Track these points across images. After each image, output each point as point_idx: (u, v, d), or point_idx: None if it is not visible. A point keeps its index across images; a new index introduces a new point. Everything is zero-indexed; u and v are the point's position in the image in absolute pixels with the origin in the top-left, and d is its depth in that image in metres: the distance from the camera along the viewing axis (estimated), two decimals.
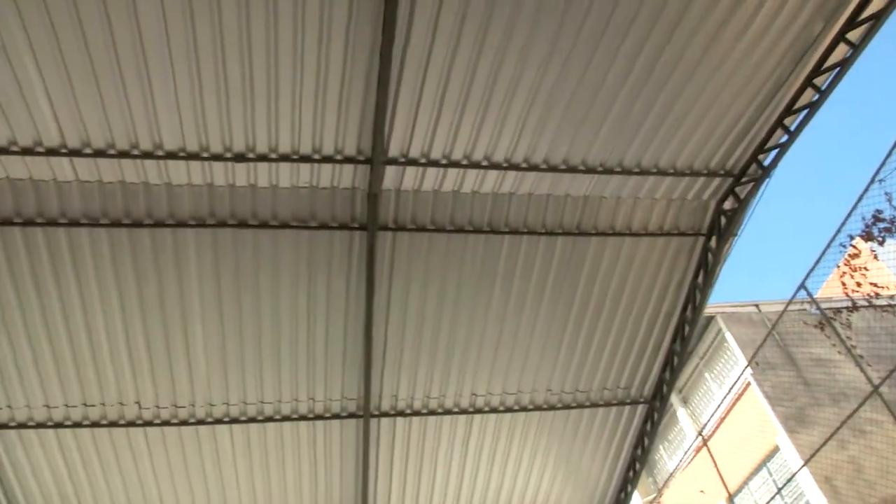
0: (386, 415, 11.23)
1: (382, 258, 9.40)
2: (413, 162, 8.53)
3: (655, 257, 10.50)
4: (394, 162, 8.45)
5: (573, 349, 11.22)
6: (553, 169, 9.07)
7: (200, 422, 10.64)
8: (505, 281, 10.13)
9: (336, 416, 11.03)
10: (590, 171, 9.19)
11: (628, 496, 13.78)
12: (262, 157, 8.16)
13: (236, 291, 9.35)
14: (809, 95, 8.76)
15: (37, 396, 10.10)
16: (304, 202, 8.78)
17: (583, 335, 11.06)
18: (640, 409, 12.54)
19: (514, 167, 8.92)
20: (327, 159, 8.30)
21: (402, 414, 11.29)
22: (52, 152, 7.85)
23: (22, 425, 10.39)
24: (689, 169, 9.52)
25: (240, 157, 8.13)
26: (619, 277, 10.54)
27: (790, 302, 18.19)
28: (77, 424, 10.43)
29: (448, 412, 11.49)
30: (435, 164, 8.60)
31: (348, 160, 8.35)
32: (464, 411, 11.57)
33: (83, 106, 7.48)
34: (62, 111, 7.51)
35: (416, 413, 11.34)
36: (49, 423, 10.39)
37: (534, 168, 9.00)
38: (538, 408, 11.88)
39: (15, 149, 7.82)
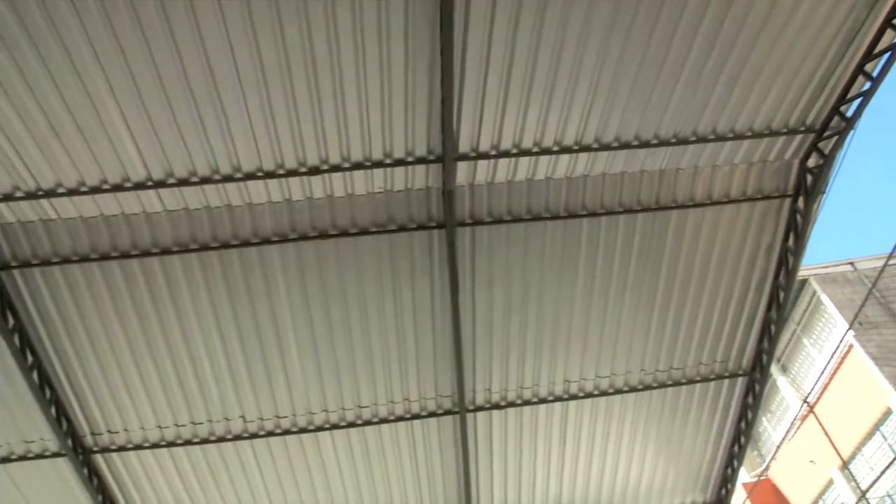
0: (481, 409, 11.29)
1: (463, 254, 9.45)
2: (484, 155, 8.54)
3: (741, 224, 10.18)
4: (465, 157, 8.47)
5: (664, 326, 11.01)
6: (625, 146, 8.91)
7: (302, 430, 10.95)
8: (588, 264, 10.02)
9: (432, 415, 11.16)
10: (663, 143, 8.99)
11: (735, 472, 13.43)
12: (336, 168, 8.33)
13: (324, 301, 9.58)
14: (890, 37, 8.31)
15: (149, 418, 10.62)
16: (380, 207, 8.91)
17: (672, 311, 10.83)
18: (740, 382, 12.19)
19: (586, 148, 8.81)
20: (399, 162, 8.39)
21: (497, 406, 11.33)
22: (139, 186, 8.23)
23: (138, 447, 10.95)
24: (768, 129, 9.18)
25: (314, 170, 8.32)
26: (705, 249, 10.28)
27: (890, 256, 17.33)
28: (188, 442, 10.91)
29: (543, 401, 11.46)
30: (506, 154, 8.59)
31: (420, 161, 8.43)
32: (558, 399, 11.51)
33: (163, 139, 7.80)
34: (145, 146, 7.86)
35: (511, 404, 11.35)
36: (162, 443, 10.91)
37: (606, 147, 8.86)
38: (633, 389, 11.71)
39: (106, 187, 8.24)
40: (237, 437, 10.91)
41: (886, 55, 8.38)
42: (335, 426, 11.01)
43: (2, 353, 9.56)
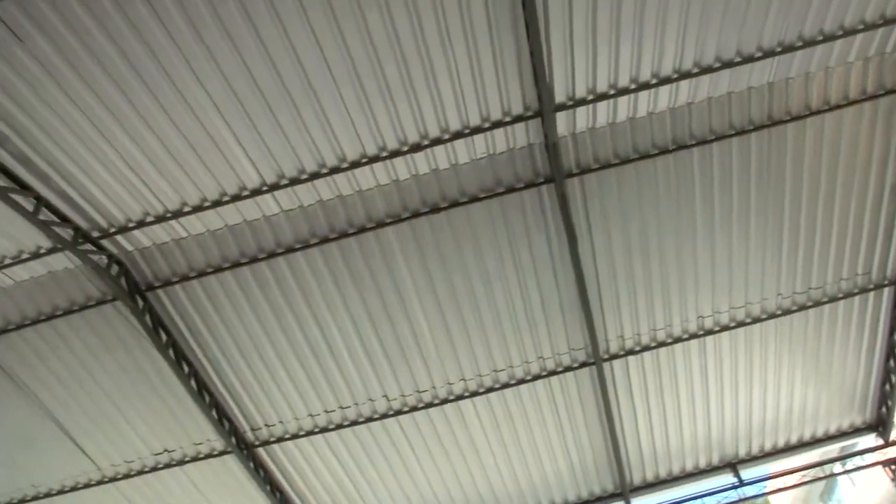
0: (616, 356, 11.19)
1: (576, 205, 9.34)
2: (581, 101, 8.36)
3: (865, 125, 9.51)
4: (563, 107, 8.33)
5: (796, 246, 10.49)
6: (727, 64, 8.48)
7: (444, 401, 11.24)
8: (704, 195, 9.67)
9: (568, 369, 11.16)
10: (768, 54, 8.49)
11: (894, 388, 12.70)
12: (437, 141, 8.39)
13: (446, 273, 9.73)
14: None
15: (300, 409, 11.20)
16: (486, 172, 8.92)
17: (803, 229, 10.30)
18: (887, 293, 11.47)
19: (686, 75, 8.45)
20: (498, 124, 8.35)
21: (631, 352, 11.19)
22: (255, 192, 8.60)
23: (294, 436, 11.58)
24: (882, 18, 8.48)
25: (416, 147, 8.41)
26: (829, 158, 9.68)
27: None
28: (339, 426, 11.44)
29: (678, 340, 11.22)
30: (603, 96, 8.37)
31: (518, 119, 8.35)
32: (694, 336, 11.24)
33: (269, 143, 8.11)
34: (254, 153, 8.20)
35: (646, 348, 11.19)
36: (316, 430, 11.49)
37: (707, 70, 8.47)
38: (772, 315, 11.26)
39: (226, 198, 8.67)
40: (383, 416, 11.33)
41: None
42: (474, 393, 11.22)
43: (161, 367, 10.35)
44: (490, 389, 11.20)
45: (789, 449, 13.46)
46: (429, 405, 11.26)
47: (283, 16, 6.99)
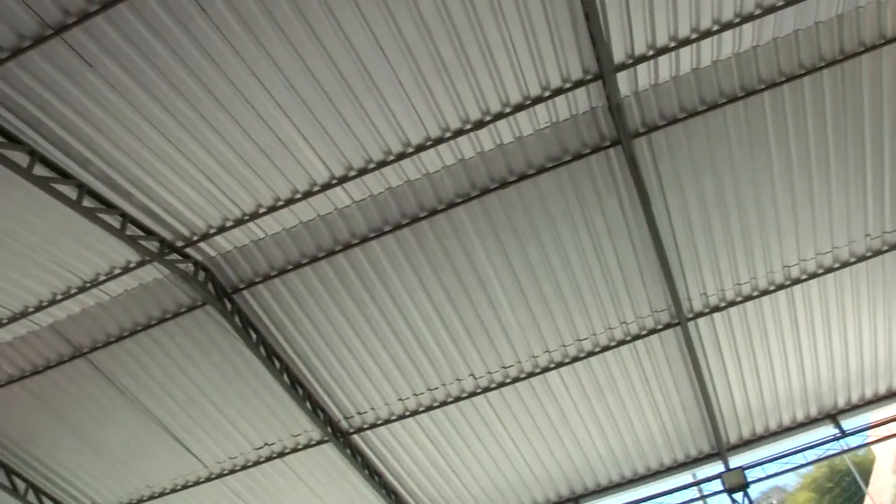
0: (701, 314, 10.98)
1: (646, 164, 9.17)
2: (641, 58, 8.18)
3: None
4: (623, 66, 8.17)
5: (881, 183, 10.02)
6: (792, 1, 8.14)
7: (530, 374, 11.27)
8: (779, 140, 9.33)
9: (652, 332, 11.02)
10: None
11: None
12: (499, 115, 8.36)
13: (520, 247, 9.73)
14: None
15: (389, 394, 11.43)
16: (551, 141, 8.84)
17: (889, 163, 9.83)
18: None
19: (749, 18, 8.14)
20: (558, 91, 8.27)
21: (717, 309, 10.96)
22: (326, 187, 8.78)
23: (386, 421, 11.84)
24: None
25: (479, 124, 8.40)
26: None
27: None
28: (429, 408, 11.62)
29: (764, 292, 10.91)
30: (664, 50, 8.16)
31: (578, 83, 8.24)
32: (780, 286, 10.91)
33: (335, 137, 8.25)
34: (321, 148, 8.36)
35: (732, 304, 10.93)
36: (407, 414, 11.71)
37: (770, 9, 8.15)
38: (861, 258, 10.81)
39: (298, 196, 8.88)
40: (472, 394, 11.45)
41: None
42: (560, 364, 11.21)
43: (254, 365, 10.73)
44: (575, 359, 11.17)
45: (891, 395, 12.97)
46: (515, 380, 11.32)
47: (335, 9, 7.08)
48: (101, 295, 9.95)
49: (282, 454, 12.25)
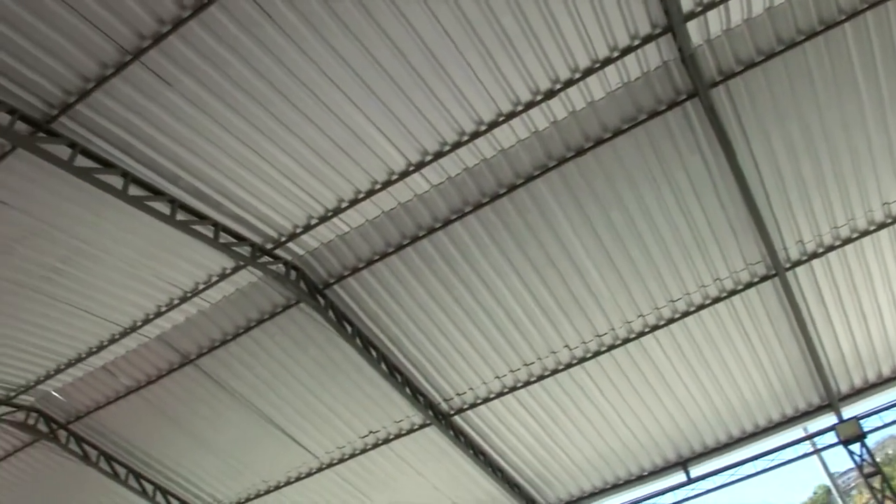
0: (799, 263, 10.57)
1: (726, 114, 8.85)
2: (711, 4, 7.86)
3: None
4: (692, 15, 7.88)
5: None
6: None
7: (626, 340, 11.13)
8: (867, 73, 8.83)
9: (749, 285, 10.69)
10: None
11: None
12: (569, 83, 8.24)
13: (603, 213, 9.60)
14: None
15: (486, 373, 11.53)
16: (624, 102, 8.65)
17: None
18: None
19: None
20: (627, 50, 8.07)
21: (815, 256, 10.53)
22: (403, 174, 8.88)
23: (486, 400, 11.95)
24: None
25: (549, 94, 8.31)
26: None
27: None
28: (526, 383, 11.66)
29: (864, 233, 10.40)
30: None
31: (647, 39, 8.02)
32: (881, 225, 10.37)
33: (408, 124, 8.32)
34: (395, 137, 8.45)
35: (830, 248, 10.47)
36: (505, 391, 11.79)
37: None
38: None
39: (377, 187, 9.01)
40: (568, 366, 11.42)
41: None
42: (655, 327, 11.03)
43: (351, 356, 11.02)
44: (670, 321, 10.97)
45: None
46: (611, 347, 11.21)
47: None
48: (202, 303, 10.39)
49: (387, 440, 12.54)
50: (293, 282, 9.82)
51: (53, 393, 12.15)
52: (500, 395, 11.84)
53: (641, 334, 11.08)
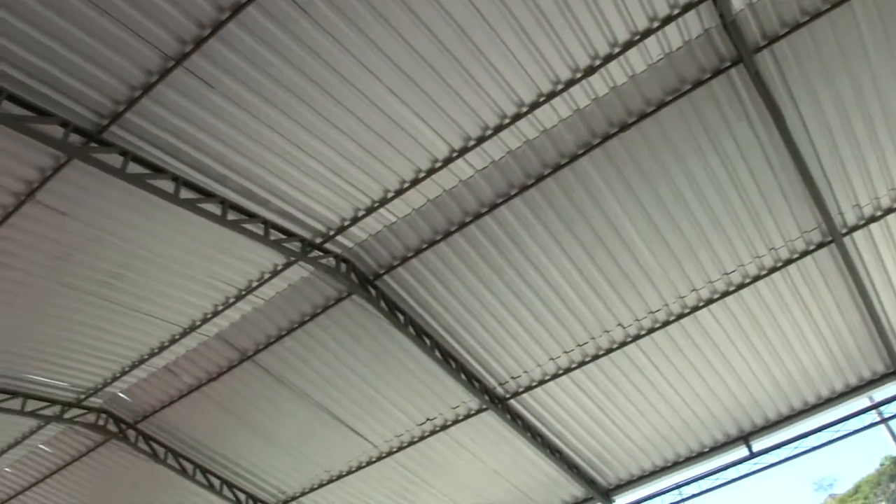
0: (856, 228, 10.26)
1: (772, 78, 8.62)
2: None
3: None
4: None
5: None
6: None
7: (680, 316, 10.98)
8: None
9: (805, 254, 10.42)
10: None
11: None
12: (608, 58, 8.13)
13: (650, 188, 9.47)
14: None
15: (540, 355, 11.52)
16: (667, 74, 8.50)
17: None
18: None
19: None
20: (667, 20, 7.91)
21: (873, 219, 10.21)
22: (447, 161, 8.89)
23: (541, 382, 11.94)
24: None
25: (589, 70, 8.21)
26: None
27: None
28: (581, 363, 11.61)
29: None
30: None
31: (687, 7, 7.84)
32: None
33: (448, 110, 8.32)
34: (436, 124, 8.46)
35: (889, 210, 10.13)
36: (560, 372, 11.76)
37: None
38: None
39: (422, 175, 9.05)
40: (622, 344, 11.33)
41: None
42: (709, 301, 10.85)
43: (405, 345, 11.14)
44: (725, 294, 10.78)
45: None
46: (665, 323, 11.07)
47: None
48: (256, 300, 10.61)
49: (444, 427, 12.64)
50: (344, 274, 9.94)
51: (120, 394, 12.57)
52: (554, 376, 11.82)
53: (696, 309, 10.91)
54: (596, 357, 11.50)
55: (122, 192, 8.59)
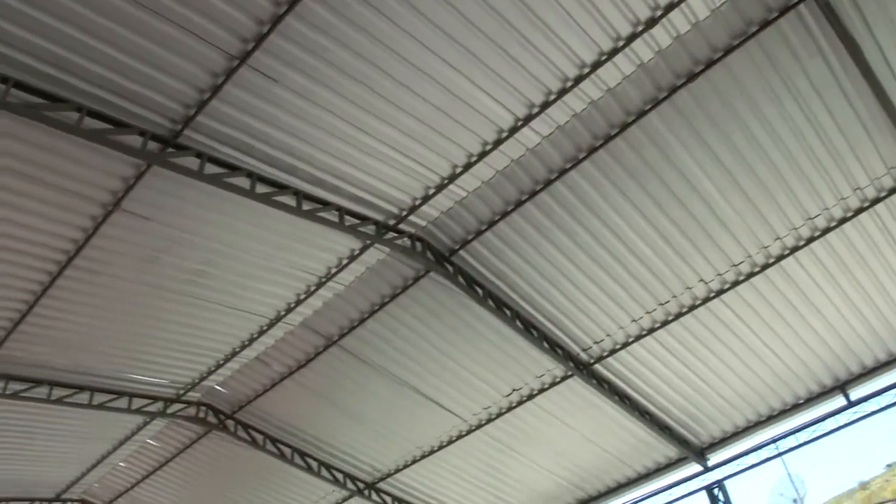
0: None
1: (844, 9, 8.16)
2: None
3: None
4: None
5: None
6: None
7: (764, 266, 10.66)
8: None
9: (893, 191, 9.90)
10: None
11: None
12: (670, 7, 7.88)
13: (723, 136, 9.18)
14: None
15: (621, 318, 11.42)
16: (731, 17, 8.18)
17: None
18: None
19: None
20: None
21: None
22: (513, 130, 8.86)
23: (624, 345, 11.84)
24: None
25: (650, 22, 7.99)
26: None
27: None
28: (664, 323, 11.44)
29: None
30: None
31: None
32: None
33: (510, 78, 8.26)
34: (498, 94, 8.41)
35: None
36: (643, 333, 11.63)
37: None
38: None
39: (488, 147, 9.04)
40: (705, 300, 11.10)
41: None
42: (794, 248, 10.49)
43: (485, 318, 11.22)
44: (810, 239, 10.39)
45: None
46: (749, 275, 10.77)
47: None
48: (337, 286, 10.87)
49: (531, 396, 12.71)
50: (420, 253, 10.06)
51: (217, 387, 13.14)
52: (638, 338, 11.69)
53: (780, 258, 10.57)
54: (679, 315, 11.31)
55: (199, 193, 8.92)
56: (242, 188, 8.51)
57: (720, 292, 10.98)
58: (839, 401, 12.99)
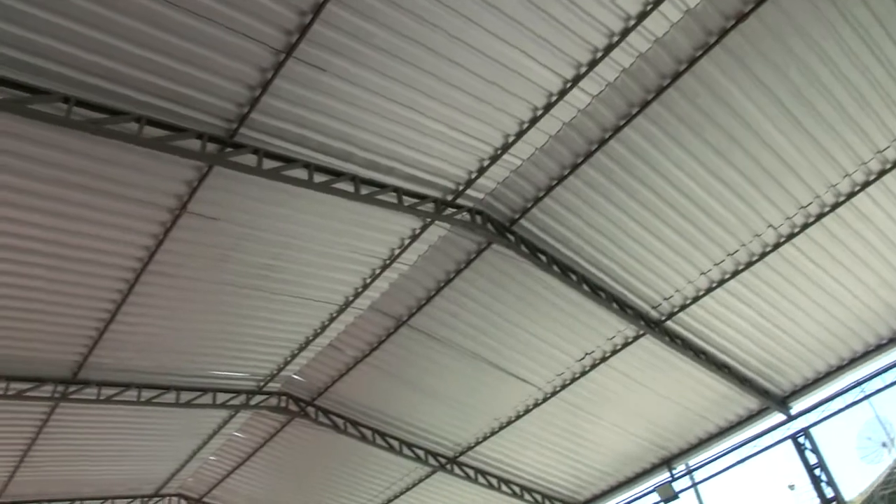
0: None
1: None
2: None
3: None
4: None
5: None
6: None
7: (834, 206, 10.30)
8: None
9: None
10: None
11: None
12: None
13: (780, 75, 8.87)
14: None
15: (689, 271, 11.24)
16: None
17: None
18: None
19: None
20: None
21: None
22: (562, 93, 8.74)
23: (695, 299, 11.67)
24: None
25: None
26: None
27: None
28: (735, 273, 11.21)
29: None
30: None
31: None
32: None
33: (554, 41, 8.13)
34: (544, 57, 8.31)
35: None
36: (714, 285, 11.44)
37: None
38: None
39: (539, 113, 8.95)
40: (776, 246, 10.82)
41: None
42: (865, 185, 10.11)
43: (551, 284, 11.23)
44: (882, 173, 9.99)
45: None
46: (819, 216, 10.44)
47: None
48: (401, 266, 11.01)
49: (604, 358, 12.67)
50: (480, 226, 10.09)
51: (294, 376, 13.51)
52: (708, 290, 11.50)
53: (850, 195, 10.20)
54: (750, 264, 11.06)
55: (260, 188, 9.13)
56: (301, 179, 8.66)
57: (790, 236, 10.68)
58: None
